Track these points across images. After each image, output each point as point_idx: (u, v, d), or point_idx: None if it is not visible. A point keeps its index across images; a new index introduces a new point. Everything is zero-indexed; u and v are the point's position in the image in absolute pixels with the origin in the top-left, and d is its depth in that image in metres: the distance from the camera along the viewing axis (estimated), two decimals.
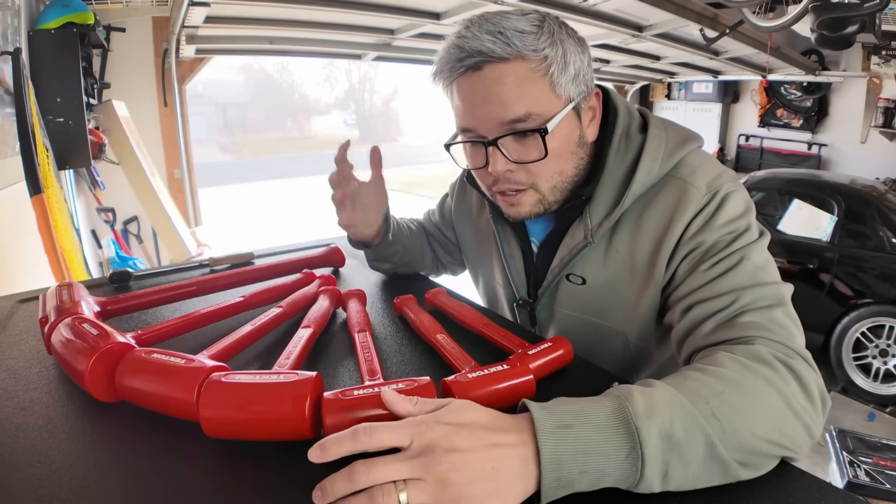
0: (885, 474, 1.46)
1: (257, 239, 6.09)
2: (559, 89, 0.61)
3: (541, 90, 0.60)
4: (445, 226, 0.97)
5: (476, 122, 0.63)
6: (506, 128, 0.61)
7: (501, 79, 0.59)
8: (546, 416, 0.39)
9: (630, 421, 0.39)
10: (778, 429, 0.43)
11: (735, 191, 0.62)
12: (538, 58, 0.59)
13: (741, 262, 0.57)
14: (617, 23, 3.63)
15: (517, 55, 0.58)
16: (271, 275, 0.88)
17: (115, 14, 3.11)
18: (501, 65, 0.59)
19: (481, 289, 0.92)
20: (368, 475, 0.36)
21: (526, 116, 0.60)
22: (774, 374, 0.46)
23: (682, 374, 0.46)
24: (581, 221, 0.69)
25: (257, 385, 0.45)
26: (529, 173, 0.64)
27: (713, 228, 0.60)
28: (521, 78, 0.59)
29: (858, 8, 2.50)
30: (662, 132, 0.67)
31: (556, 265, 0.72)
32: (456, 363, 0.57)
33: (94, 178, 2.95)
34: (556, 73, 0.60)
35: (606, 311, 0.71)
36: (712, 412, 0.41)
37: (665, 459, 0.39)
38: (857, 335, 2.93)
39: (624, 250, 0.67)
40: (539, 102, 0.60)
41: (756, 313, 0.54)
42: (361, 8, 3.23)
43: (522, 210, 0.67)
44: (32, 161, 1.50)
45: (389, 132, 29.58)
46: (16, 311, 0.79)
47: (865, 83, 5.24)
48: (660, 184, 0.65)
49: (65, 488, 0.40)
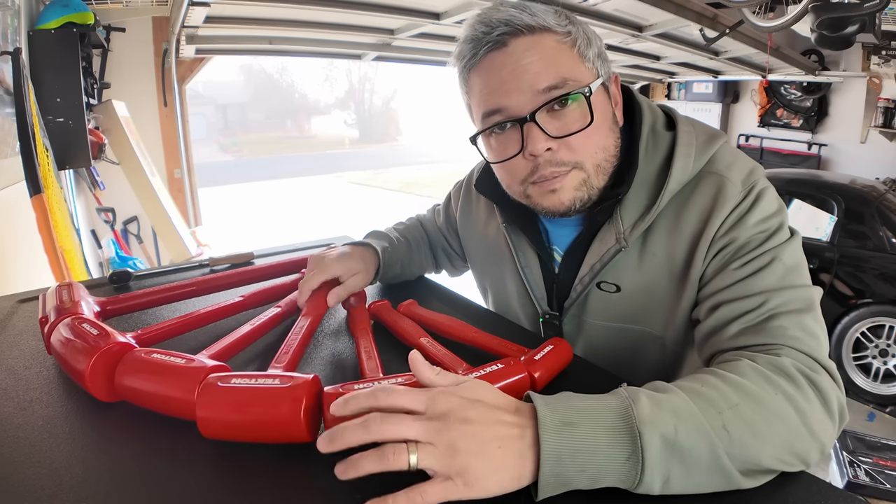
0: (885, 474, 1.46)
1: (257, 239, 6.09)
2: (588, 62, 0.60)
3: (572, 59, 0.59)
4: (450, 233, 0.93)
5: (507, 98, 0.58)
6: (542, 98, 0.57)
7: (531, 49, 0.58)
8: (550, 412, 0.39)
9: (633, 424, 0.38)
10: (789, 447, 0.42)
11: (768, 187, 0.60)
12: (563, 31, 0.59)
13: (772, 262, 0.55)
14: (617, 23, 3.63)
15: (543, 27, 0.58)
16: (271, 275, 0.88)
17: (115, 14, 3.10)
18: (528, 37, 0.58)
19: (491, 304, 0.86)
20: (381, 426, 0.37)
21: (563, 82, 0.57)
22: (796, 391, 0.45)
23: (699, 379, 0.45)
24: (611, 225, 0.64)
25: (253, 389, 0.44)
26: (572, 150, 0.59)
27: (747, 226, 0.58)
28: (549, 48, 0.58)
29: (858, 8, 2.50)
30: (691, 128, 0.64)
31: (586, 273, 0.67)
32: (448, 366, 0.55)
33: (94, 178, 2.95)
34: (582, 46, 0.60)
35: (644, 317, 0.66)
36: (723, 424, 0.40)
37: (667, 466, 0.38)
38: (857, 335, 2.93)
39: (661, 252, 0.63)
40: (573, 69, 0.59)
41: (785, 318, 0.52)
42: (361, 8, 3.22)
43: (565, 196, 0.61)
44: (32, 161, 1.50)
45: (389, 132, 29.58)
46: (16, 311, 0.79)
47: (865, 83, 5.24)
48: (694, 180, 0.62)
49: (65, 488, 0.40)
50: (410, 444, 0.37)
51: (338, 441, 0.38)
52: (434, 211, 0.99)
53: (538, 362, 0.53)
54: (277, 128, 27.18)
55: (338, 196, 10.55)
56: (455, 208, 0.90)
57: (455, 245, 0.93)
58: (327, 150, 22.87)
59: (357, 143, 26.81)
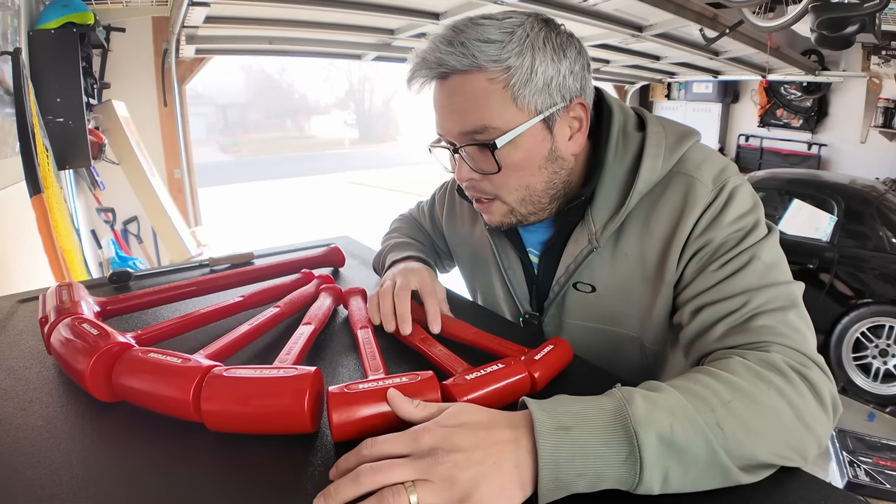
0: (885, 474, 1.46)
1: (257, 239, 6.09)
2: (521, 101, 0.58)
3: (500, 102, 0.58)
4: (436, 234, 0.95)
5: (442, 128, 0.63)
6: (465, 138, 0.61)
7: (460, 90, 0.59)
8: (545, 416, 0.39)
9: (629, 425, 0.39)
10: (784, 442, 0.42)
11: (741, 184, 0.60)
12: (499, 69, 0.57)
13: (751, 261, 0.56)
14: (617, 23, 3.63)
15: (475, 66, 0.57)
16: (271, 275, 0.88)
17: (115, 14, 3.10)
18: (462, 76, 0.58)
19: (481, 303, 0.88)
20: (374, 477, 0.37)
21: (482, 129, 0.59)
22: (789, 386, 0.45)
23: (691, 378, 0.45)
24: (583, 226, 0.66)
25: (257, 380, 0.45)
26: (493, 184, 0.64)
27: (722, 226, 0.58)
28: (479, 90, 0.58)
29: (858, 8, 2.50)
30: (660, 129, 0.65)
31: (562, 274, 0.69)
32: (448, 366, 0.55)
33: (94, 178, 2.95)
34: (518, 84, 0.57)
35: (620, 317, 0.68)
36: (717, 422, 0.41)
37: (665, 464, 0.38)
38: (856, 335, 2.93)
39: (633, 252, 0.64)
40: (497, 115, 0.58)
41: (769, 316, 0.52)
42: (361, 8, 3.23)
43: (494, 219, 0.67)
44: (32, 161, 1.50)
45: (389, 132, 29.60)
46: (16, 311, 0.79)
47: (865, 83, 5.24)
48: (664, 181, 0.63)
49: (65, 488, 0.40)
50: (408, 484, 0.37)
51: (332, 499, 0.37)
52: (420, 211, 0.99)
53: (538, 362, 0.53)
54: (277, 128, 27.18)
55: (338, 196, 10.55)
56: (441, 212, 0.92)
57: (441, 245, 0.94)
58: (327, 150, 22.86)
59: (357, 143, 26.81)
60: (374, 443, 0.40)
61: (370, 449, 0.40)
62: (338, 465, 0.40)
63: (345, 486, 0.37)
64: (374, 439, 0.40)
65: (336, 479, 0.39)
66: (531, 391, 0.52)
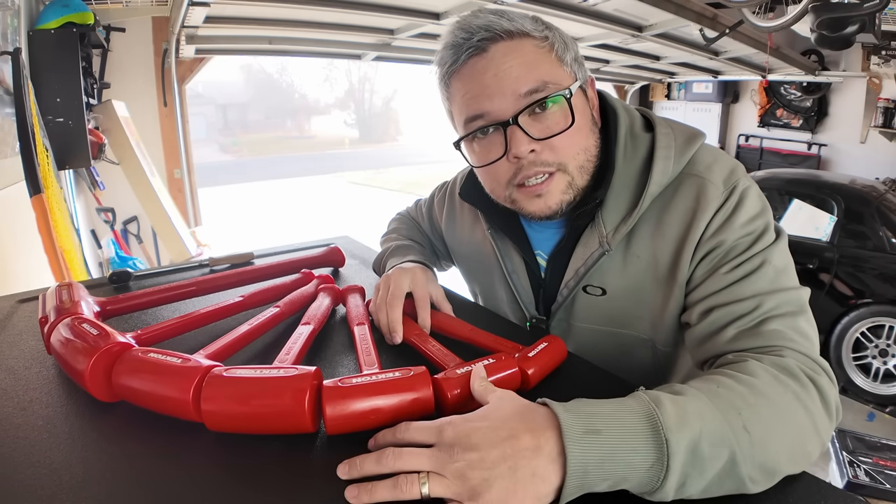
0: (885, 474, 1.46)
1: (257, 239, 6.09)
2: (566, 66, 0.61)
3: (551, 63, 0.60)
4: (434, 235, 0.94)
5: (489, 103, 0.59)
6: (523, 101, 0.59)
7: (510, 54, 0.59)
8: (573, 420, 0.38)
9: (660, 431, 0.38)
10: (802, 446, 0.43)
11: (750, 186, 0.60)
12: (541, 36, 0.60)
13: (762, 265, 0.55)
14: (617, 23, 3.63)
15: (522, 32, 0.59)
16: (271, 275, 0.88)
17: (115, 14, 3.10)
18: (507, 42, 0.59)
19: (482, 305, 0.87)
20: (395, 461, 0.39)
21: (543, 86, 0.59)
22: (803, 391, 0.45)
23: (713, 381, 0.44)
24: (593, 229, 0.65)
25: (257, 380, 0.45)
26: (555, 152, 0.60)
27: (733, 228, 0.58)
28: (529, 52, 0.59)
29: (858, 8, 2.50)
30: (670, 130, 0.64)
31: (571, 277, 0.68)
32: (441, 361, 0.56)
33: (94, 178, 2.94)
34: (559, 50, 0.61)
35: (631, 320, 0.67)
36: (744, 424, 0.40)
37: (685, 472, 0.38)
38: (856, 335, 2.93)
39: (645, 254, 0.63)
40: (552, 73, 0.60)
41: (780, 320, 0.52)
42: (361, 8, 3.23)
43: (552, 200, 0.62)
44: (32, 161, 1.50)
45: (389, 132, 29.59)
46: (16, 311, 0.79)
47: (865, 83, 5.24)
48: (675, 183, 0.62)
49: (65, 488, 0.40)
50: (423, 474, 0.38)
51: (355, 470, 0.40)
52: (418, 210, 0.99)
53: (531, 359, 0.54)
54: (277, 128, 27.19)
55: (338, 196, 10.56)
56: (440, 215, 0.91)
57: (440, 247, 0.94)
58: (327, 150, 22.87)
59: (357, 143, 26.81)
60: (408, 428, 0.42)
61: (402, 433, 0.42)
62: (376, 438, 0.44)
63: (368, 463, 0.40)
64: (408, 424, 0.42)
65: (373, 449, 0.43)
66: (523, 388, 0.52)
